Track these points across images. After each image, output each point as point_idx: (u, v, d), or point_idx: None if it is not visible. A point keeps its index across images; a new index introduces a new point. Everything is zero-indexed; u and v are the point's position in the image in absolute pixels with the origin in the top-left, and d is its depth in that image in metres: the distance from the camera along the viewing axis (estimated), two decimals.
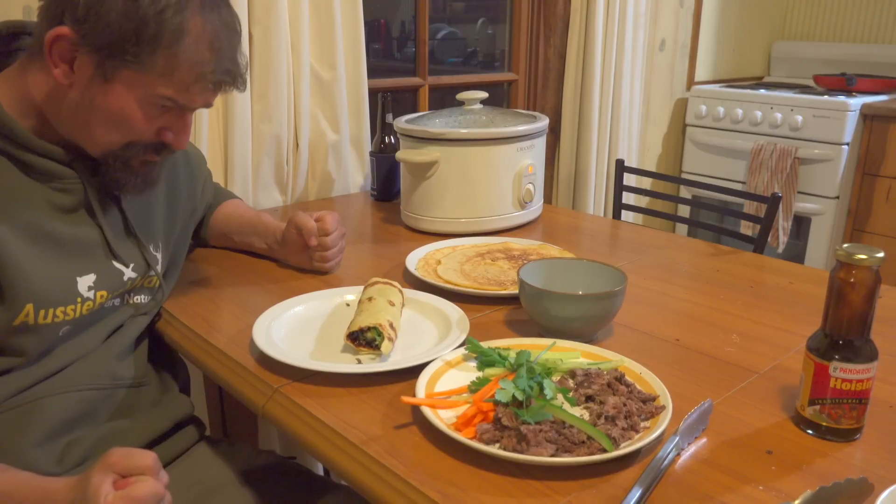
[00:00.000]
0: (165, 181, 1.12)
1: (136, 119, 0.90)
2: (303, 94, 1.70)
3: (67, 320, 0.93)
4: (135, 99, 0.89)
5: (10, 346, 0.90)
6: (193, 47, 0.87)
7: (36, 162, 0.90)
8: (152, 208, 1.09)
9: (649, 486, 0.69)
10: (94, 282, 0.96)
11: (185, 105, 0.92)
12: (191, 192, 1.20)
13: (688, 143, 2.97)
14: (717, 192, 1.98)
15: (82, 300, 0.95)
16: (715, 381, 0.91)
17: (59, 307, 0.92)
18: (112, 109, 0.89)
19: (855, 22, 3.17)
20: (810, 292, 1.21)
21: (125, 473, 0.74)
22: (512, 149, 1.50)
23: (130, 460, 0.74)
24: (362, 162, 1.91)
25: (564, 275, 1.08)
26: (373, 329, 0.94)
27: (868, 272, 0.73)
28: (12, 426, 0.89)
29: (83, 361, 0.97)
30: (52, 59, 0.87)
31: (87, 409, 0.95)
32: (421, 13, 2.22)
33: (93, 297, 0.96)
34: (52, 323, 0.92)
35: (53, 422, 0.91)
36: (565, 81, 2.45)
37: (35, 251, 0.90)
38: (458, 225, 1.50)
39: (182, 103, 0.91)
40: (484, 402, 0.79)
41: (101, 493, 0.71)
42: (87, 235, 0.96)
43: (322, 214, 1.23)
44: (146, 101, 0.89)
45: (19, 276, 0.87)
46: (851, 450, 0.77)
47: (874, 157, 2.58)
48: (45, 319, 0.90)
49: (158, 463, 0.75)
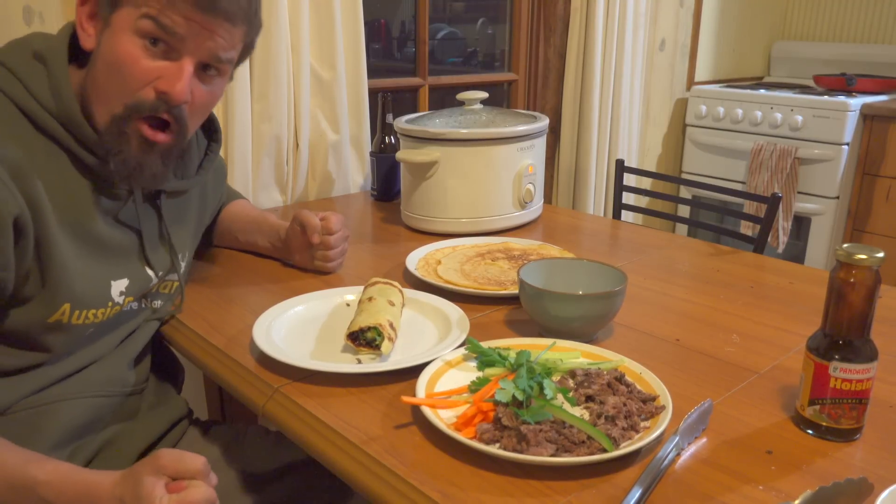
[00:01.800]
0: (199, 192, 1.13)
1: (129, 56, 0.86)
2: (303, 94, 1.70)
3: (96, 322, 0.94)
4: (126, 32, 0.86)
5: (39, 343, 0.89)
6: None
7: (94, 163, 0.90)
8: (186, 217, 1.10)
9: (649, 486, 0.69)
10: (125, 287, 0.97)
11: (171, 28, 0.85)
12: (215, 202, 1.23)
13: (688, 143, 2.97)
14: (717, 192, 1.98)
15: (112, 304, 0.95)
16: (715, 381, 0.91)
17: (91, 309, 0.92)
18: (111, 53, 0.87)
19: (855, 22, 3.17)
20: (810, 292, 1.21)
21: (176, 477, 0.73)
22: (512, 149, 1.50)
23: (182, 464, 0.73)
24: (362, 162, 1.91)
25: (564, 275, 1.08)
26: (373, 329, 0.94)
27: (868, 272, 0.73)
28: (26, 429, 0.89)
29: (98, 366, 0.97)
30: (80, 20, 0.88)
31: (96, 414, 0.96)
32: (421, 13, 2.22)
33: (122, 301, 0.97)
34: (83, 324, 0.92)
35: (65, 427, 0.92)
36: (565, 81, 2.45)
37: (79, 251, 0.90)
38: (458, 225, 1.50)
39: (167, 24, 0.85)
40: (484, 402, 0.79)
41: (155, 496, 0.70)
42: (126, 239, 0.96)
43: (327, 215, 1.23)
44: (136, 32, 0.86)
45: (63, 275, 0.87)
46: (851, 450, 0.77)
47: (874, 157, 2.58)
48: (77, 320, 0.91)
49: (208, 467, 0.75)
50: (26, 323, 0.87)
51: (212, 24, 0.87)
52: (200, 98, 0.92)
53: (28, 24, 1.37)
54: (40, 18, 1.38)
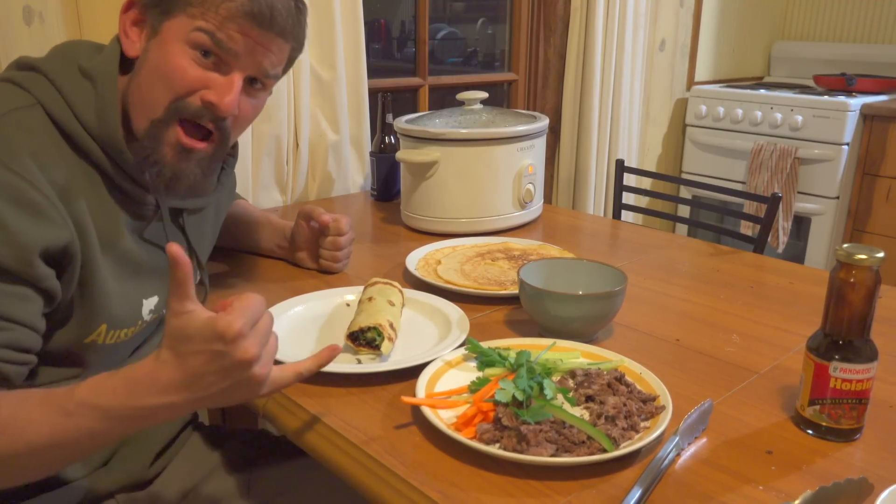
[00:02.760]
0: (214, 205, 1.12)
1: (177, 65, 0.85)
2: (303, 94, 1.70)
3: (125, 341, 0.93)
4: (176, 42, 0.85)
5: (72, 360, 0.88)
6: None
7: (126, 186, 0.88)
8: (204, 229, 1.09)
9: (649, 486, 0.69)
10: (155, 305, 0.96)
11: (223, 43, 0.85)
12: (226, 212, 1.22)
13: (688, 143, 2.97)
14: (717, 192, 1.98)
15: (142, 322, 0.95)
16: (715, 381, 0.91)
17: (124, 329, 0.91)
18: (159, 61, 0.86)
19: (855, 22, 3.17)
20: (810, 292, 1.21)
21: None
22: (512, 149, 1.50)
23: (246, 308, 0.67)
24: (362, 162, 1.91)
25: (564, 275, 1.08)
26: (373, 329, 0.94)
27: (868, 272, 0.73)
28: None
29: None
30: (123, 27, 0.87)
31: None
32: (421, 13, 2.22)
33: (149, 319, 0.96)
34: (114, 343, 0.91)
35: None
36: (565, 81, 2.45)
37: (116, 272, 0.88)
38: (458, 225, 1.50)
39: (219, 38, 0.85)
40: (484, 402, 0.79)
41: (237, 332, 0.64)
42: (155, 257, 0.95)
43: (338, 216, 1.24)
44: (187, 44, 0.85)
45: (102, 297, 0.86)
46: (851, 450, 0.77)
47: (874, 157, 2.58)
48: (110, 340, 0.90)
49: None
50: (62, 343, 0.86)
51: (266, 40, 0.88)
52: (245, 111, 0.92)
53: (28, 25, 1.37)
54: (40, 18, 1.38)
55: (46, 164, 0.79)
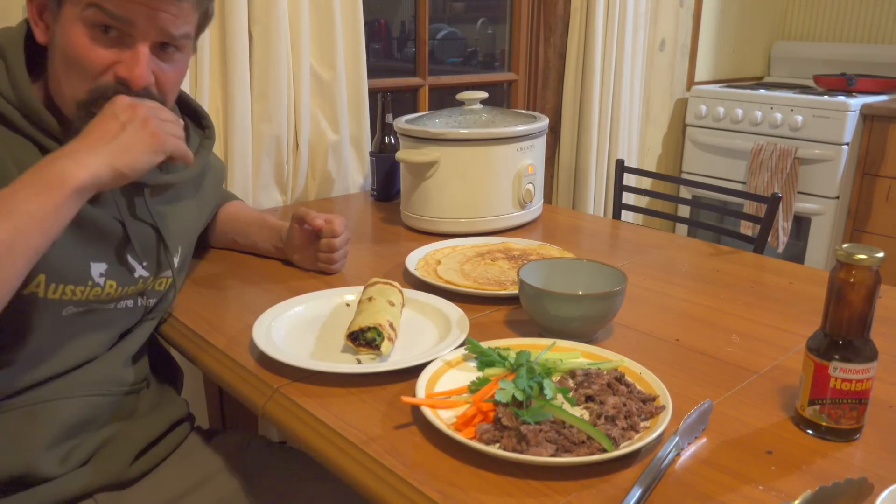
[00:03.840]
0: (195, 190, 1.12)
1: (82, 46, 0.87)
2: (303, 94, 1.70)
3: (74, 300, 0.93)
4: (75, 24, 0.86)
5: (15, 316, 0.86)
6: None
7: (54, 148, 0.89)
8: (181, 214, 1.08)
9: (649, 486, 0.69)
10: (105, 270, 0.95)
11: (118, 15, 0.85)
12: (214, 202, 1.23)
13: (688, 143, 2.97)
14: (717, 192, 1.98)
15: (92, 284, 0.94)
16: (715, 381, 0.91)
17: (69, 285, 0.91)
18: (64, 46, 0.87)
19: (855, 22, 3.17)
20: (810, 292, 1.21)
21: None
22: (512, 149, 1.50)
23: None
24: (362, 162, 1.91)
25: (564, 275, 1.08)
26: (373, 329, 0.94)
27: (868, 272, 0.73)
28: (21, 426, 0.88)
29: (93, 364, 0.96)
30: (31, 15, 0.89)
31: (92, 413, 0.95)
32: (421, 13, 2.22)
33: (102, 283, 0.95)
34: (60, 300, 0.91)
35: (61, 425, 0.91)
36: (565, 81, 2.45)
37: None
38: (458, 225, 1.50)
39: (113, 11, 0.85)
40: (484, 402, 0.79)
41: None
42: (107, 224, 0.95)
43: (332, 217, 1.24)
44: (85, 23, 0.86)
45: None
46: (851, 450, 0.77)
47: (874, 157, 2.58)
48: (53, 294, 0.90)
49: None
50: None
51: (156, 1, 0.87)
52: (164, 77, 0.93)
53: None
54: None
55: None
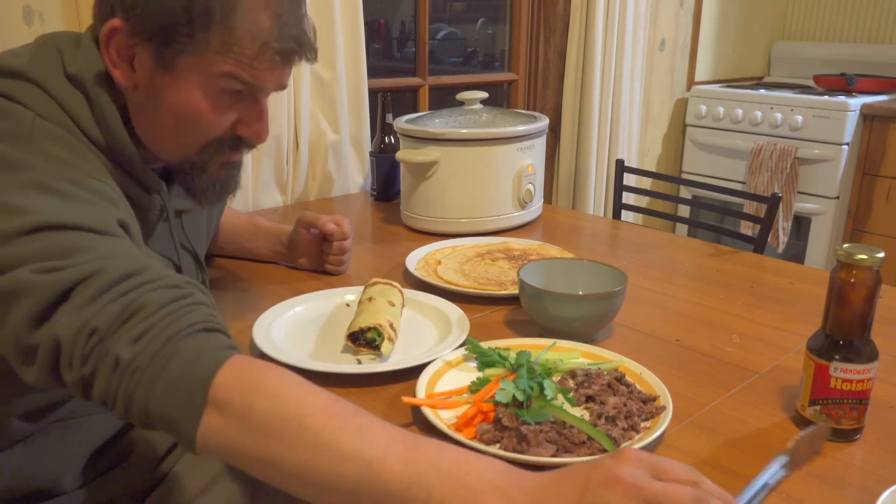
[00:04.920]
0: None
1: (205, 111, 0.82)
2: (303, 94, 1.70)
3: None
4: (199, 87, 0.81)
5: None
6: (250, 15, 0.78)
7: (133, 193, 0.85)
8: (199, 223, 1.08)
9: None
10: None
11: (252, 83, 0.82)
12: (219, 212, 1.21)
13: (688, 144, 2.97)
14: (717, 192, 1.98)
15: None
16: (715, 382, 0.91)
17: None
18: (179, 105, 0.81)
19: (855, 22, 3.17)
20: (810, 292, 1.21)
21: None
22: (512, 149, 1.50)
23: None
24: (362, 162, 1.91)
25: (564, 275, 1.08)
26: (373, 329, 0.94)
27: (868, 272, 0.73)
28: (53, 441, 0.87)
29: None
30: (110, 57, 0.79)
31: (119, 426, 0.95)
32: (421, 13, 2.22)
33: None
34: None
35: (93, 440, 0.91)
36: (565, 81, 2.45)
37: None
38: (458, 225, 1.50)
39: (249, 81, 0.81)
40: (484, 402, 0.79)
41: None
42: (163, 255, 0.94)
43: (340, 219, 1.24)
44: (212, 88, 0.81)
45: None
46: (852, 450, 0.77)
47: (874, 157, 2.58)
48: None
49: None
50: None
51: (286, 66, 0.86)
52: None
53: (28, 25, 1.37)
54: (40, 18, 1.38)
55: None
